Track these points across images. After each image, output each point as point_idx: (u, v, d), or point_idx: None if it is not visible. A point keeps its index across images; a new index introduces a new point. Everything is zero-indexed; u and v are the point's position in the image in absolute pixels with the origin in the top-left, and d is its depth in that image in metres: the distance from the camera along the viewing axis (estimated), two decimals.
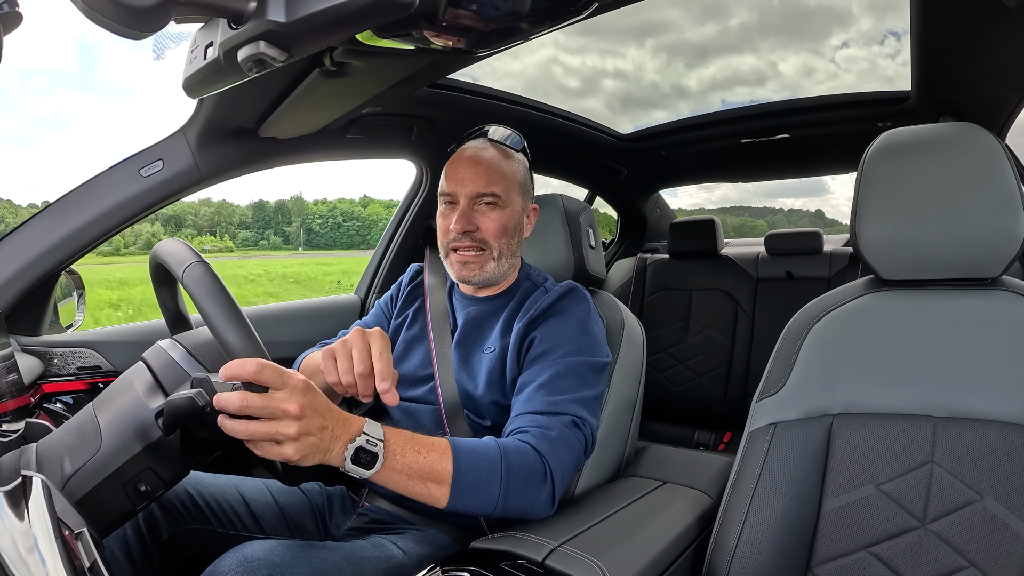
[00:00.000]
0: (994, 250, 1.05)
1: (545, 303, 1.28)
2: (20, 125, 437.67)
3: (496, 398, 1.27)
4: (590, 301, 1.33)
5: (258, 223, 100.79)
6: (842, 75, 52.04)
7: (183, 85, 0.93)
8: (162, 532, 1.19)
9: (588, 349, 1.24)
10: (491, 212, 1.29)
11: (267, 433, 0.82)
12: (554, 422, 1.12)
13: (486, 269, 1.31)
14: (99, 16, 0.56)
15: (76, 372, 1.51)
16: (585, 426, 1.16)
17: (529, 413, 1.15)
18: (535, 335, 1.25)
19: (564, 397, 1.16)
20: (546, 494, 1.07)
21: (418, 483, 0.97)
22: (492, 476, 1.02)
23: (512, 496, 1.03)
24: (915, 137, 1.13)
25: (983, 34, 1.29)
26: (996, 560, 0.96)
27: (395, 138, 1.90)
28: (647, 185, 3.43)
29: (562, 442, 1.11)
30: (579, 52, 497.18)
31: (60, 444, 0.91)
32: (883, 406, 1.08)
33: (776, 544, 1.06)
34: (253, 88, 1.23)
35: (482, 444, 1.06)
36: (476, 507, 1.02)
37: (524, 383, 1.21)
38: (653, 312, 3.07)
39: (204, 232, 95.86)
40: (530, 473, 1.05)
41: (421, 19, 0.84)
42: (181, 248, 0.95)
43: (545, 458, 1.07)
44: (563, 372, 1.19)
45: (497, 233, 1.29)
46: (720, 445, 2.87)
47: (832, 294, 1.21)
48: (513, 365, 1.26)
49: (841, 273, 2.78)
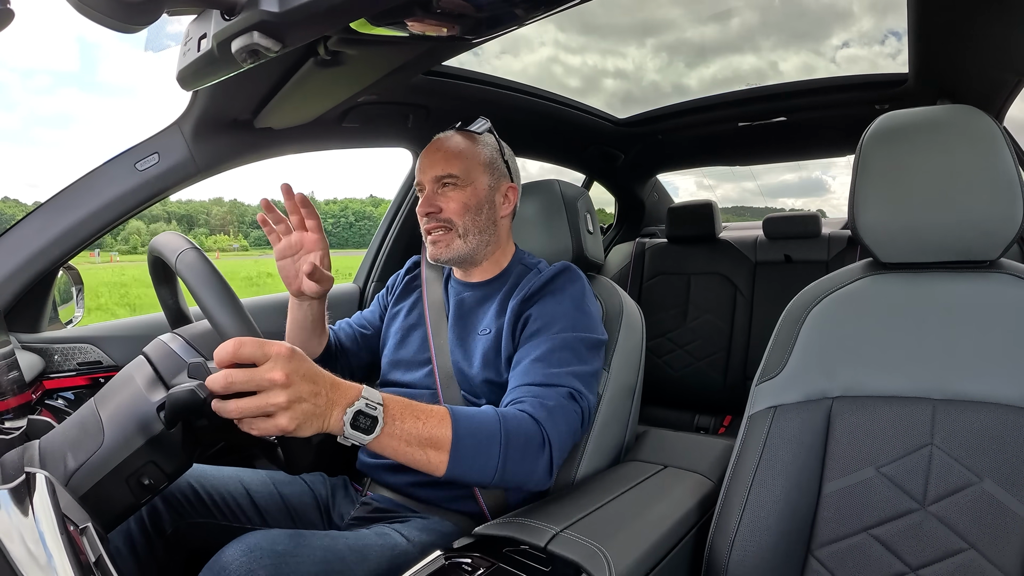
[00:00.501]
0: (992, 233, 1.05)
1: (539, 282, 1.30)
2: (20, 124, 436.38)
3: (491, 376, 1.29)
4: (584, 280, 1.34)
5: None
6: (842, 75, 53.25)
7: (177, 77, 0.93)
8: (166, 526, 1.20)
9: (584, 326, 1.25)
10: (451, 192, 1.35)
11: (257, 407, 0.79)
12: (551, 392, 1.14)
13: (453, 247, 1.35)
14: (91, 11, 0.56)
15: (77, 368, 1.51)
16: (582, 399, 1.17)
17: (526, 385, 1.16)
18: (530, 312, 1.27)
19: (561, 370, 1.17)
20: (544, 463, 1.08)
21: (417, 450, 0.96)
22: (491, 443, 1.02)
23: (511, 463, 1.03)
24: (912, 120, 1.13)
25: (980, 16, 1.28)
26: (995, 541, 0.97)
27: (391, 126, 1.90)
28: (644, 170, 3.42)
29: (559, 412, 1.12)
30: (580, 51, 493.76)
31: (63, 440, 0.91)
32: (882, 389, 1.08)
33: (777, 527, 1.07)
34: (248, 79, 1.22)
35: (480, 412, 1.06)
36: (475, 474, 1.02)
37: (520, 358, 1.22)
38: (652, 297, 3.07)
39: (217, 231, 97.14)
40: (528, 441, 1.06)
41: (415, 6, 0.84)
42: (174, 238, 0.96)
43: (543, 426, 1.08)
44: (559, 346, 1.20)
45: (459, 211, 1.34)
46: (720, 429, 2.88)
47: (830, 277, 1.21)
48: (508, 343, 1.27)
49: (839, 256, 2.78)
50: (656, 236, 3.44)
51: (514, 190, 1.43)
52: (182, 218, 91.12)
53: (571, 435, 1.15)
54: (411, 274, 1.57)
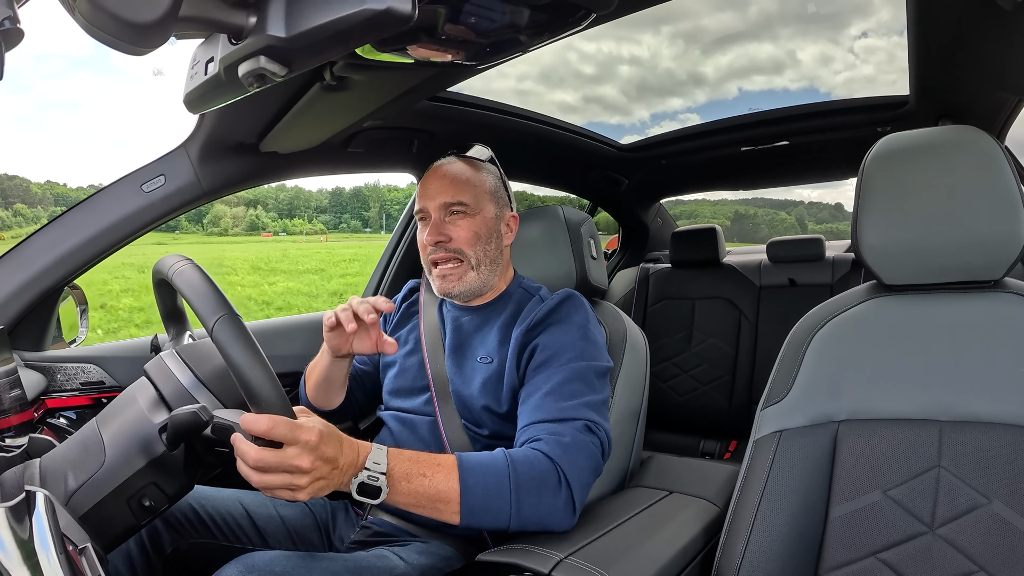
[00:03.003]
0: (996, 253, 1.05)
1: (543, 311, 1.29)
2: (34, 109, 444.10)
3: (490, 405, 1.27)
4: (588, 307, 1.33)
5: (335, 207, 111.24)
6: (860, 66, 49.62)
7: (184, 100, 0.94)
8: (166, 546, 1.19)
9: (592, 354, 1.24)
10: (461, 220, 1.32)
11: (281, 485, 0.85)
12: (566, 428, 1.11)
13: (465, 280, 1.33)
14: (100, 32, 0.57)
15: (79, 387, 1.51)
16: (599, 430, 1.15)
17: (540, 422, 1.14)
18: (536, 343, 1.25)
19: (574, 402, 1.15)
20: (562, 502, 1.05)
21: (427, 505, 0.99)
22: (500, 490, 1.02)
23: (526, 507, 1.02)
24: (914, 141, 1.13)
25: (980, 36, 1.29)
26: (1006, 563, 0.95)
27: (396, 152, 1.91)
28: (648, 195, 3.43)
29: (576, 447, 1.09)
30: (594, 39, 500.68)
31: (64, 459, 0.91)
32: (888, 411, 1.08)
33: (784, 552, 1.05)
34: (254, 103, 1.23)
35: (489, 457, 1.05)
36: (489, 521, 1.02)
37: (530, 392, 1.20)
38: (656, 322, 3.07)
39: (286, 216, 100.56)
40: (543, 481, 1.04)
41: (420, 33, 0.85)
42: (211, 297, 0.89)
43: (558, 464, 1.06)
44: (570, 377, 1.19)
45: (470, 240, 1.32)
46: (726, 454, 2.85)
47: (835, 300, 1.21)
48: (512, 374, 1.26)
49: (844, 279, 2.77)
50: (660, 261, 3.44)
51: (515, 219, 1.44)
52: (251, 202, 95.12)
53: (592, 470, 1.12)
54: (408, 300, 1.56)
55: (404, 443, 1.33)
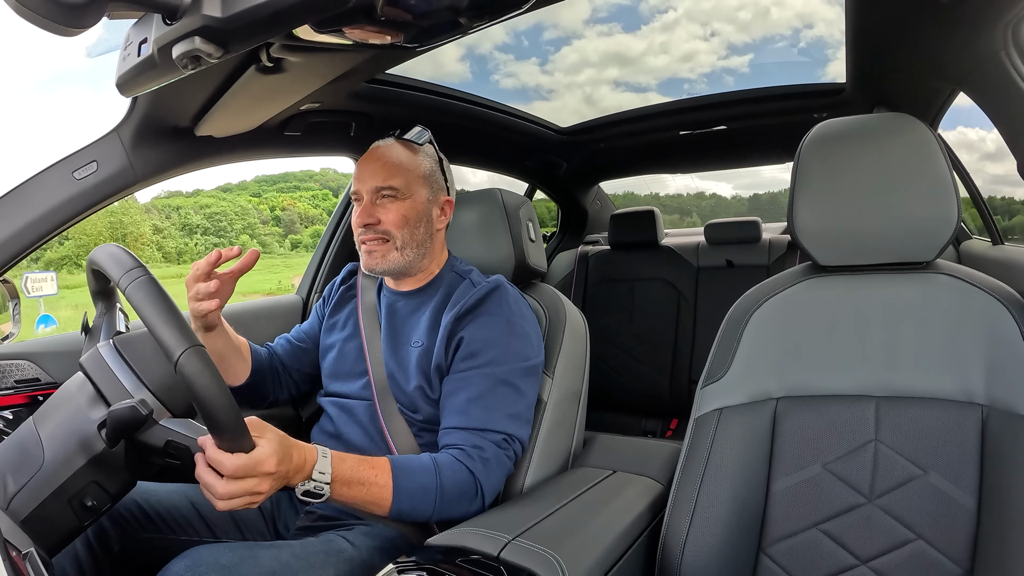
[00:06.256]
0: (928, 235, 1.09)
1: (471, 300, 1.30)
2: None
3: (425, 389, 1.30)
4: (516, 298, 1.35)
5: None
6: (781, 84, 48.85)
7: (116, 83, 0.90)
8: (113, 544, 1.17)
9: (518, 350, 1.27)
10: (391, 204, 1.33)
11: (242, 505, 0.91)
12: (487, 442, 1.20)
13: (389, 258, 1.34)
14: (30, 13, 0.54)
15: (14, 385, 1.44)
16: (515, 442, 1.24)
17: (463, 429, 1.22)
18: (463, 335, 1.27)
19: (497, 413, 1.23)
20: (476, 506, 1.18)
21: (361, 507, 1.09)
22: (427, 493, 1.12)
23: (446, 510, 1.14)
24: (849, 127, 1.17)
25: (916, 27, 1.33)
26: (942, 531, 1.00)
27: (334, 135, 1.87)
28: (587, 178, 3.45)
29: (495, 462, 1.20)
30: None
31: (1, 462, 0.87)
32: (826, 388, 1.11)
33: (727, 526, 1.08)
34: (188, 86, 1.19)
35: (419, 463, 1.15)
36: (415, 518, 1.15)
37: (455, 388, 1.25)
38: (596, 303, 3.10)
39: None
40: (463, 491, 1.15)
41: (359, 14, 0.83)
42: (178, 330, 0.85)
43: (478, 478, 1.17)
44: (495, 383, 1.24)
45: (398, 223, 1.33)
46: (667, 432, 2.92)
47: (771, 281, 1.24)
48: (441, 357, 1.28)
49: (780, 260, 2.84)
50: (599, 243, 3.48)
51: (450, 203, 1.43)
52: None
53: (502, 479, 1.23)
54: (347, 283, 1.55)
55: (343, 429, 1.34)
